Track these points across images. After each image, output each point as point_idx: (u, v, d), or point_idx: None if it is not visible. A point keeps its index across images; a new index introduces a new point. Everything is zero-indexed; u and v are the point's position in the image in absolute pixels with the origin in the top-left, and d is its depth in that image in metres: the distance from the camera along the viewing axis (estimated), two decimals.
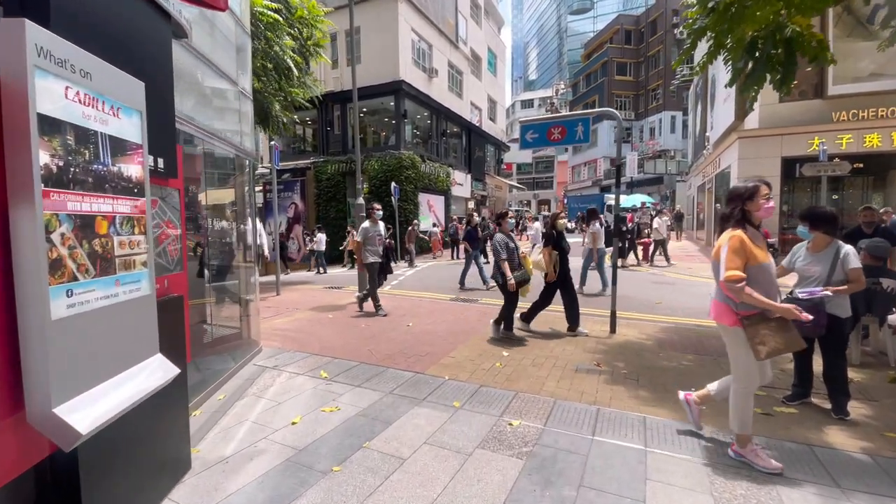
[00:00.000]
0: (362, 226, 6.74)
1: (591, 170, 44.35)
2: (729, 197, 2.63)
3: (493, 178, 30.86)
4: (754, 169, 12.62)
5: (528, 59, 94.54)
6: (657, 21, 38.63)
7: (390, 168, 18.04)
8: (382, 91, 18.86)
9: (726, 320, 2.56)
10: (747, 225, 2.50)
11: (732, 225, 2.53)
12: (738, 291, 2.38)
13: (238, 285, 4.82)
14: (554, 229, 5.39)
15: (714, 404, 3.34)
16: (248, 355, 4.56)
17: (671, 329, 5.63)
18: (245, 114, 4.54)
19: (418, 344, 4.96)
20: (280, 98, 9.95)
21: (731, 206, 2.56)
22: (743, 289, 2.37)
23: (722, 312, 2.59)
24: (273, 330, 5.73)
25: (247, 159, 4.67)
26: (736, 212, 2.52)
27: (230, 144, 4.03)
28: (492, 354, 4.56)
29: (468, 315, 6.43)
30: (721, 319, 2.61)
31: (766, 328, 2.40)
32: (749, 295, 2.37)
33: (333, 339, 5.24)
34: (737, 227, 2.50)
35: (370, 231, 6.68)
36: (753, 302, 2.39)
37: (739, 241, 2.42)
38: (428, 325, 5.85)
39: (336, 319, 6.30)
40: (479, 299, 7.84)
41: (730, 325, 2.54)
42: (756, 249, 2.45)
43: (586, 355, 4.57)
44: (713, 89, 20.13)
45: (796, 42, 4.01)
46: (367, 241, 6.63)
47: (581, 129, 5.50)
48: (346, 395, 3.49)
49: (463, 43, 24.94)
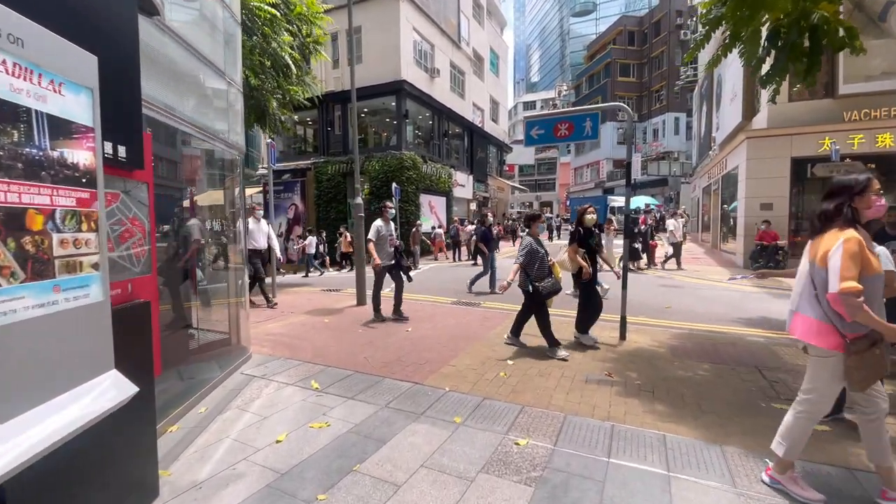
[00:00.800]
0: (374, 224, 6.17)
1: (594, 171, 44.07)
2: (833, 190, 2.19)
3: (495, 179, 30.61)
4: (763, 169, 12.34)
5: (530, 62, 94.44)
6: (661, 22, 38.40)
7: (391, 168, 17.80)
8: (384, 91, 18.64)
9: (825, 342, 2.11)
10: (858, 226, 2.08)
11: (842, 224, 2.08)
12: (856, 308, 1.94)
13: (227, 288, 4.56)
14: (581, 226, 4.94)
15: (740, 420, 3.07)
16: (236, 363, 4.29)
17: (684, 335, 5.34)
18: (235, 107, 4.29)
19: (417, 351, 4.68)
20: (278, 96, 9.71)
21: (836, 202, 2.14)
22: (861, 305, 1.93)
23: (821, 332, 2.13)
24: (265, 335, 5.46)
25: (236, 155, 4.42)
26: (846, 209, 2.09)
27: (216, 138, 3.77)
28: (496, 363, 4.29)
29: (470, 320, 6.16)
30: (817, 340, 2.14)
31: (872, 355, 2.00)
32: (867, 314, 1.94)
33: (328, 345, 4.97)
34: (847, 226, 2.06)
35: (383, 230, 6.16)
36: (869, 322, 1.96)
37: (858, 245, 1.98)
38: (428, 331, 5.57)
39: (332, 324, 6.03)
40: (480, 303, 7.57)
41: (829, 347, 2.10)
42: (872, 256, 2.03)
43: (596, 364, 4.28)
44: (719, 90, 19.85)
45: (823, 30, 3.74)
46: (379, 241, 6.15)
47: (589, 124, 5.23)
48: (337, 409, 3.22)
49: (465, 43, 24.74)
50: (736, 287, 9.20)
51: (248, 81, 8.28)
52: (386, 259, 6.12)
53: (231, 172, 4.37)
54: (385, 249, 6.13)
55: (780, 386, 3.77)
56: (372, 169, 18.24)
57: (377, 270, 6.20)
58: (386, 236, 6.16)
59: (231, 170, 4.39)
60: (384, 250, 6.13)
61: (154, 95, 2.74)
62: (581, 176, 47.19)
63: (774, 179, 12.28)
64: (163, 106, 2.89)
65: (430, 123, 21.80)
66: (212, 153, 3.96)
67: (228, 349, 4.48)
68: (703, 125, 24.31)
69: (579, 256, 4.84)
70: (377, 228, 6.14)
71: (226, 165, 4.32)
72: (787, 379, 3.96)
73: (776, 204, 12.30)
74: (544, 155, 55.68)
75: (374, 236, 6.11)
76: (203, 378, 3.83)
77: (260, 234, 7.51)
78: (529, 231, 4.80)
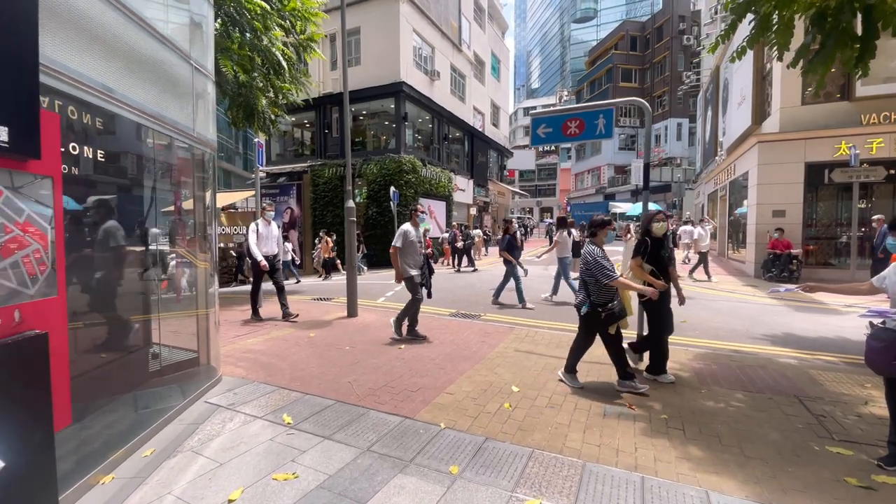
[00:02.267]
0: (402, 229, 5.34)
1: (595, 177, 43.66)
2: None
3: (495, 184, 30.17)
4: (775, 175, 11.85)
5: (530, 68, 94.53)
6: (663, 27, 38.13)
7: (390, 172, 17.32)
8: (383, 93, 18.21)
9: None
10: None
11: None
12: None
13: (195, 299, 4.03)
14: (648, 235, 4.03)
15: (794, 471, 2.52)
16: (202, 388, 3.76)
17: (707, 356, 4.81)
18: (205, 99, 3.78)
19: (410, 374, 4.14)
20: (269, 95, 9.23)
21: None
22: None
23: None
24: (242, 352, 4.92)
25: (207, 152, 3.91)
26: None
27: (180, 132, 3.26)
28: (499, 390, 3.75)
29: (469, 336, 5.62)
30: None
31: None
32: None
33: (310, 365, 4.44)
34: None
35: (411, 236, 5.37)
36: None
37: None
38: (423, 349, 5.04)
39: (317, 340, 5.49)
40: (481, 315, 7.03)
41: None
42: None
43: (613, 392, 3.75)
44: (726, 94, 19.42)
45: (879, 10, 3.24)
46: (406, 248, 5.34)
47: (602, 122, 4.74)
48: (310, 454, 2.68)
49: (466, 46, 24.37)
50: (751, 299, 8.68)
51: (236, 78, 7.81)
52: (415, 268, 5.40)
53: (201, 172, 3.86)
54: (414, 257, 5.40)
55: (829, 422, 3.24)
56: (370, 172, 17.77)
57: (409, 283, 5.40)
58: (415, 242, 5.40)
59: (201, 169, 3.88)
60: (413, 258, 5.39)
61: (83, 72, 2.23)
62: (582, 181, 46.78)
63: (787, 185, 11.78)
64: (99, 86, 2.38)
65: (429, 127, 21.36)
66: (174, 148, 3.45)
67: (195, 371, 3.95)
68: (707, 130, 23.89)
69: (646, 273, 3.97)
70: (405, 233, 5.34)
71: (194, 164, 3.80)
72: (835, 412, 3.43)
73: (789, 211, 11.79)
74: (545, 160, 55.33)
75: (401, 242, 5.31)
76: (160, 408, 3.30)
77: (271, 238, 6.71)
78: (593, 240, 3.86)
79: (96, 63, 2.37)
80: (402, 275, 5.37)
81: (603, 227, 3.87)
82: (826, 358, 4.96)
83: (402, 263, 5.33)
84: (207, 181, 3.95)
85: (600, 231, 3.87)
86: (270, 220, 6.83)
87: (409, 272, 5.34)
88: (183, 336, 4.07)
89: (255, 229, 6.54)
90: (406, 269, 5.33)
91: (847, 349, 5.30)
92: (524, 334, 5.55)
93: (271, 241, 6.71)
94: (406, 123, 18.59)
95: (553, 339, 5.34)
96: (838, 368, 4.56)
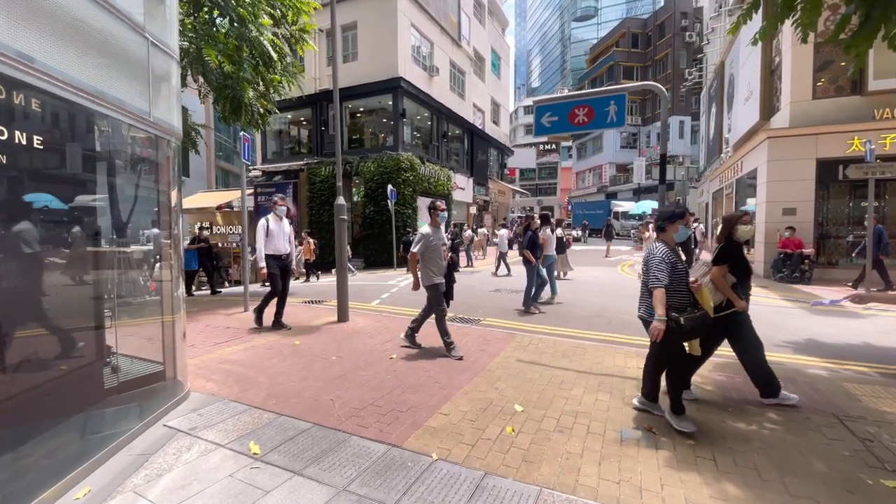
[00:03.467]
0: (421, 232, 4.73)
1: (597, 176, 43.24)
2: None
3: (496, 182, 29.76)
4: (786, 172, 11.43)
5: (530, 67, 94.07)
6: (665, 24, 37.69)
7: (387, 170, 16.90)
8: (380, 89, 17.80)
9: None
10: None
11: None
12: None
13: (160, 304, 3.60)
14: (732, 239, 3.42)
15: None
16: (163, 408, 3.33)
17: (728, 366, 4.37)
18: (165, 78, 3.35)
19: (400, 389, 3.71)
20: (258, 87, 8.80)
21: None
22: None
23: None
24: (219, 362, 4.50)
25: (172, 142, 3.48)
26: None
27: (120, 109, 2.82)
28: (499, 409, 3.32)
29: (467, 342, 5.19)
30: None
31: None
32: None
33: (290, 379, 4.01)
34: None
35: (432, 238, 4.70)
36: None
37: None
38: (417, 358, 4.61)
39: (303, 348, 5.06)
40: (480, 319, 6.59)
41: None
42: None
43: (628, 411, 3.32)
44: (731, 89, 18.99)
45: None
46: (428, 253, 4.69)
47: (614, 109, 4.30)
48: (274, 496, 2.25)
49: (466, 42, 23.93)
50: (763, 301, 8.25)
51: (220, 68, 7.38)
52: (439, 274, 4.74)
53: (159, 163, 3.42)
54: (438, 262, 4.74)
55: (878, 448, 2.82)
56: (367, 170, 17.34)
57: (433, 292, 4.75)
58: (438, 246, 4.73)
59: (164, 162, 3.45)
60: (437, 263, 4.73)
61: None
62: (583, 180, 46.35)
63: (798, 182, 11.36)
64: (13, 53, 1.96)
65: (428, 124, 20.94)
66: (126, 135, 3.02)
67: (160, 387, 3.52)
68: (711, 127, 23.45)
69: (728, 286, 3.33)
70: (425, 237, 4.67)
71: (156, 155, 3.37)
72: (881, 435, 3.01)
73: (800, 209, 11.37)
74: (545, 159, 54.89)
75: (422, 248, 4.65)
76: (110, 433, 2.87)
77: (282, 235, 5.98)
78: (661, 236, 3.17)
79: (8, 26, 1.95)
80: (424, 283, 4.75)
81: (674, 220, 3.09)
82: (857, 368, 4.54)
83: (424, 270, 4.71)
84: (172, 175, 3.52)
85: (670, 226, 3.11)
86: (282, 215, 6.05)
87: (433, 279, 4.72)
88: (146, 346, 3.65)
89: (265, 225, 5.81)
90: (430, 275, 4.71)
91: (877, 357, 4.88)
92: (527, 342, 5.13)
93: (283, 238, 5.99)
94: (404, 120, 18.17)
95: (558, 348, 4.92)
96: (873, 381, 4.14)
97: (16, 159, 2.15)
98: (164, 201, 3.48)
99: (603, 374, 4.07)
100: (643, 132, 40.08)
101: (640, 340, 5.34)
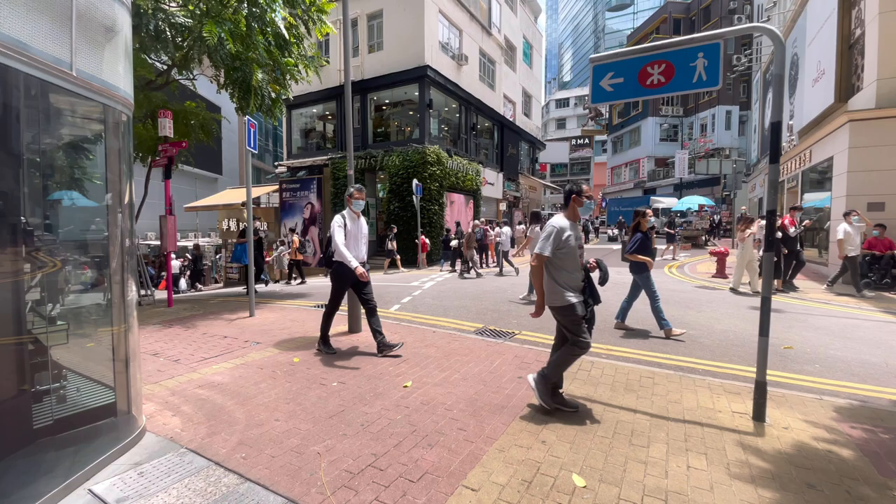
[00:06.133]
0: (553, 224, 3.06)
1: (634, 171, 41.09)
2: None
3: (527, 178, 28.47)
4: (872, 160, 9.80)
5: (561, 61, 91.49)
6: (710, 7, 35.18)
7: (413, 164, 16.05)
8: (406, 78, 16.95)
9: None
10: None
11: None
12: None
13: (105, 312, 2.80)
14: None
15: None
16: (103, 457, 2.51)
17: (860, 412, 3.20)
18: (111, 29, 2.53)
19: (412, 438, 2.77)
20: (272, 71, 8.07)
21: None
22: None
23: None
24: (197, 386, 3.69)
25: (103, 104, 2.66)
26: None
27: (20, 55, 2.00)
28: (551, 482, 2.32)
29: (500, 367, 4.20)
30: None
31: None
32: None
33: (274, 414, 3.14)
34: None
35: (569, 235, 3.04)
36: None
37: None
38: (437, 387, 3.66)
39: (300, 368, 4.20)
40: (514, 332, 5.57)
41: None
42: None
43: (734, 484, 2.26)
44: (794, 71, 17.06)
45: None
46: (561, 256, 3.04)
47: (703, 63, 3.21)
48: None
49: (496, 30, 22.77)
50: (855, 312, 6.83)
51: (220, 43, 6.64)
52: (575, 291, 3.06)
53: (102, 132, 2.61)
54: (573, 273, 3.07)
55: None
56: (392, 164, 16.56)
57: (566, 317, 3.06)
58: (574, 248, 3.06)
59: (107, 130, 2.63)
60: (572, 275, 3.06)
61: None
62: (619, 175, 44.22)
63: (888, 173, 9.71)
64: None
65: (456, 116, 19.95)
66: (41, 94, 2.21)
67: (110, 425, 2.72)
68: (767, 115, 21.37)
69: None
70: (557, 233, 3.02)
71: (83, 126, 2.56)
72: None
73: (890, 203, 9.72)
74: (578, 154, 52.89)
75: (552, 247, 3.01)
76: (16, 496, 2.08)
77: (360, 238, 4.68)
78: None
79: None
80: (551, 302, 3.07)
81: None
82: None
83: (550, 283, 3.05)
84: (119, 153, 2.69)
85: None
86: (359, 211, 4.74)
87: (566, 297, 2.99)
88: (90, 367, 2.87)
89: (342, 223, 4.51)
90: (560, 291, 3.01)
91: None
92: (575, 367, 4.09)
93: (361, 241, 4.68)
94: (431, 111, 17.26)
95: (618, 377, 3.85)
96: None
97: None
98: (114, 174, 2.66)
99: (687, 422, 2.99)
100: (685, 123, 37.72)
101: (724, 367, 4.20)
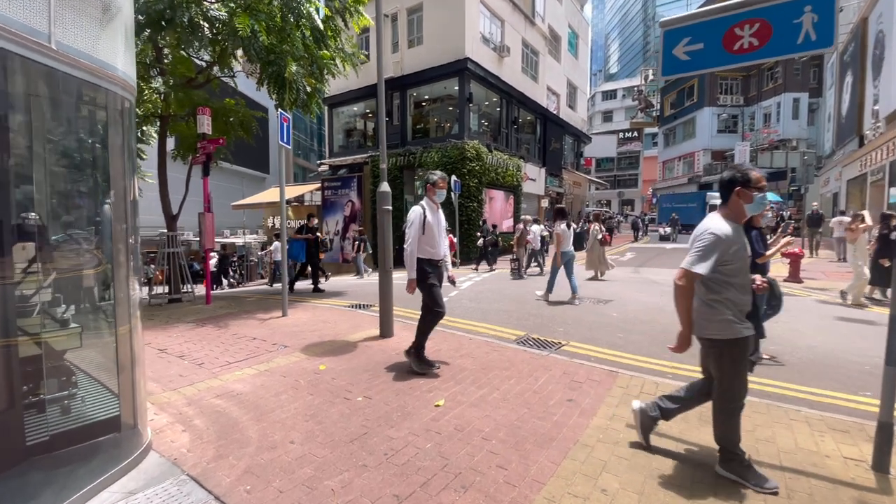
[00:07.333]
0: (712, 229, 2.19)
1: (688, 165, 38.62)
2: None
3: (571, 173, 27.33)
4: None
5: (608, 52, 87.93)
6: None
7: (451, 160, 15.63)
8: (445, 72, 16.53)
9: None
10: None
11: None
12: None
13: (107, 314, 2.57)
14: None
15: None
16: (100, 479, 2.26)
17: None
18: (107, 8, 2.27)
19: (443, 475, 2.34)
20: (308, 65, 7.88)
21: None
22: None
23: None
24: (215, 395, 3.45)
25: (124, 95, 2.40)
26: None
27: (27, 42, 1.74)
28: None
29: (546, 385, 3.67)
30: None
31: None
32: None
33: (290, 434, 2.80)
34: None
35: (733, 244, 2.20)
36: None
37: None
38: (473, 407, 3.20)
39: (325, 378, 3.88)
40: (561, 343, 5.00)
41: None
42: None
43: None
44: (879, 50, 15.16)
45: None
46: (725, 276, 2.21)
47: (811, 20, 2.55)
48: None
49: (540, 19, 21.89)
50: None
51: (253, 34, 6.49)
52: (743, 320, 2.24)
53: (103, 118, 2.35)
54: (741, 296, 2.24)
55: None
56: (430, 161, 16.22)
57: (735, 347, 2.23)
58: (745, 261, 2.32)
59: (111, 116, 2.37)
60: (738, 298, 2.23)
61: None
62: (671, 170, 41.73)
63: None
64: None
65: (497, 110, 19.33)
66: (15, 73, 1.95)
67: (111, 441, 2.49)
68: (845, 101, 19.22)
69: None
70: (718, 242, 2.17)
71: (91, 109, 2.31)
72: None
73: None
74: (626, 148, 50.53)
75: (712, 267, 2.17)
76: None
77: (440, 232, 4.15)
78: None
79: None
80: (707, 333, 2.27)
81: None
82: None
83: (705, 310, 2.25)
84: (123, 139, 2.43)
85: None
86: (440, 203, 4.17)
87: (736, 329, 2.20)
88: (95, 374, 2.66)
89: (422, 215, 3.96)
90: (728, 322, 2.20)
91: None
92: (636, 388, 3.50)
93: (440, 235, 4.12)
94: (471, 105, 16.76)
95: None
96: None
97: None
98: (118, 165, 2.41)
99: (786, 470, 2.37)
100: (746, 113, 34.93)
101: (819, 394, 3.47)
